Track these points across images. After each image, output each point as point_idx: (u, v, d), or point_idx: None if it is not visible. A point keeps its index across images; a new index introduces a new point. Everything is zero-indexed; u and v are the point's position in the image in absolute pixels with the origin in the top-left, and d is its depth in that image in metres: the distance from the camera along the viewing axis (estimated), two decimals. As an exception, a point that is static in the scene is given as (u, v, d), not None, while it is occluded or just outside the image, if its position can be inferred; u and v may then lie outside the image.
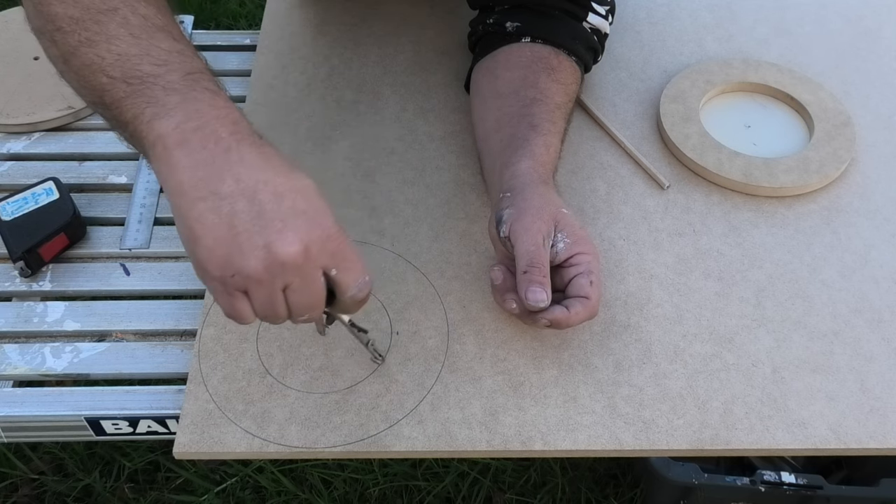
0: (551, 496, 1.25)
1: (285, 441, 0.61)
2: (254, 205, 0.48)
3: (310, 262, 0.50)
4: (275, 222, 0.48)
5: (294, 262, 0.49)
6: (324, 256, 0.50)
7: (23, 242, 0.71)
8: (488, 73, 0.80)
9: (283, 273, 0.49)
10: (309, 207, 0.50)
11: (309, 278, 0.50)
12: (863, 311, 0.71)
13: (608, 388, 0.65)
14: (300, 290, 0.51)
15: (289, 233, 0.48)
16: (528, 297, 0.62)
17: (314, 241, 0.49)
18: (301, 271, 0.50)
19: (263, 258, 0.48)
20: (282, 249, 0.48)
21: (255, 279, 0.49)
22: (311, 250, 0.49)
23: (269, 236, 0.48)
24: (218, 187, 0.48)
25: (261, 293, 0.50)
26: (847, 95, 0.88)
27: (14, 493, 1.24)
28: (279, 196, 0.49)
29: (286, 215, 0.49)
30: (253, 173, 0.49)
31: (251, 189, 0.48)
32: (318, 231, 0.50)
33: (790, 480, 1.06)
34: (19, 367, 0.66)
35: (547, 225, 0.64)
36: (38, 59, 0.88)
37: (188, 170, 0.49)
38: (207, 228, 0.48)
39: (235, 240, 0.48)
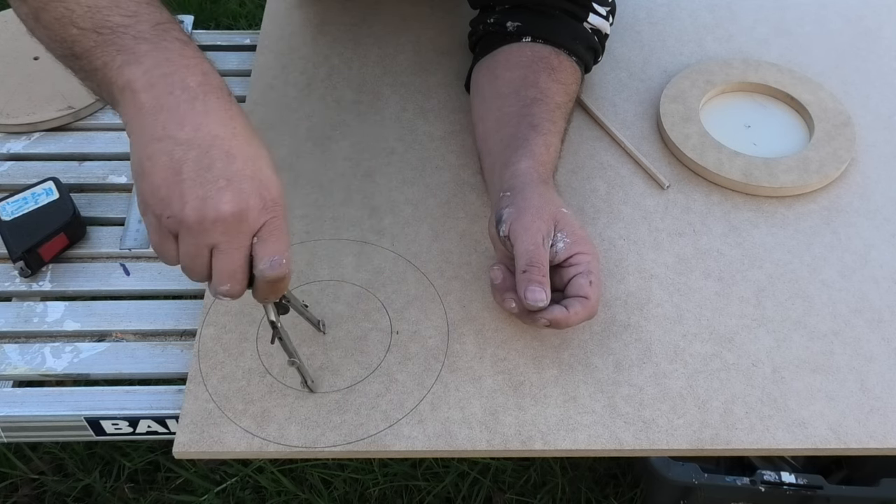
0: (551, 496, 1.25)
1: (285, 441, 0.61)
2: (205, 157, 0.50)
3: (241, 227, 0.51)
4: (219, 179, 0.49)
5: (225, 222, 0.50)
6: (255, 225, 0.51)
7: (23, 242, 0.71)
8: (489, 72, 0.80)
9: (212, 229, 0.50)
10: (256, 175, 0.51)
11: (235, 243, 0.51)
12: (863, 311, 0.71)
13: (608, 387, 0.65)
14: (225, 252, 0.51)
15: (229, 192, 0.49)
16: (527, 297, 0.62)
17: (251, 208, 0.50)
18: (229, 233, 0.50)
19: (198, 209, 0.49)
20: (218, 206, 0.49)
21: (186, 226, 0.50)
22: (245, 215, 0.50)
23: (210, 191, 0.49)
24: (176, 132, 0.50)
25: (188, 242, 0.51)
26: (847, 95, 0.88)
27: (14, 493, 1.24)
28: (231, 156, 0.50)
29: (232, 175, 0.50)
30: (213, 127, 0.50)
31: (207, 142, 0.50)
32: (257, 199, 0.51)
33: (790, 480, 1.06)
34: (19, 367, 0.66)
35: (547, 224, 0.64)
36: (37, 58, 0.89)
37: (151, 112, 0.50)
38: (157, 167, 0.50)
39: (178, 185, 0.49)
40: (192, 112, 0.50)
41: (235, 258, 0.52)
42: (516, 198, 0.66)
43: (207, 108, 0.51)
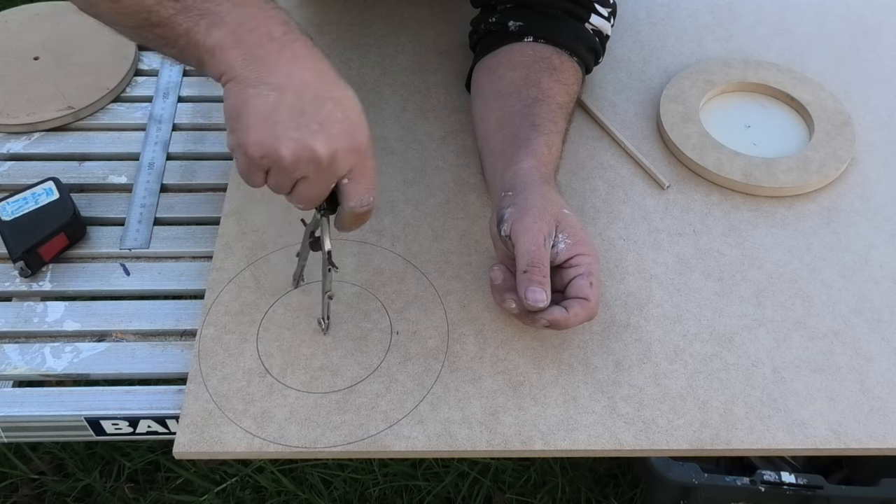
0: (551, 496, 1.25)
1: (285, 441, 0.61)
2: (298, 101, 0.53)
3: (331, 168, 0.54)
4: (312, 123, 0.53)
5: (318, 163, 0.54)
6: (345, 165, 0.55)
7: (23, 242, 0.71)
8: (490, 72, 0.80)
9: (305, 168, 0.54)
10: (345, 118, 0.55)
11: (323, 180, 0.55)
12: (863, 311, 0.71)
13: (608, 387, 0.65)
14: (311, 184, 0.55)
15: (322, 136, 0.53)
16: (527, 297, 0.62)
17: (341, 150, 0.54)
18: (320, 172, 0.54)
19: (294, 151, 0.53)
20: (311, 147, 0.53)
21: (280, 166, 0.54)
22: (336, 157, 0.54)
23: (304, 133, 0.53)
24: (269, 77, 0.53)
25: (279, 176, 0.55)
26: (847, 95, 0.88)
27: (14, 493, 1.24)
28: (322, 99, 0.54)
29: (324, 119, 0.53)
30: (303, 72, 0.54)
31: (299, 86, 0.53)
32: (348, 142, 0.54)
33: (790, 480, 1.06)
34: (19, 367, 0.66)
35: (548, 225, 0.64)
36: (37, 59, 0.89)
37: (244, 64, 0.53)
38: (252, 110, 0.53)
39: (273, 128, 0.53)
40: (282, 59, 0.54)
41: (319, 190, 0.56)
42: (518, 198, 0.66)
43: (296, 55, 0.54)
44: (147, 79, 0.89)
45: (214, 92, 0.89)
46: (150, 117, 0.85)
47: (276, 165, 0.54)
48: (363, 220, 0.60)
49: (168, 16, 0.55)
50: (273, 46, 0.54)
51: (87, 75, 0.87)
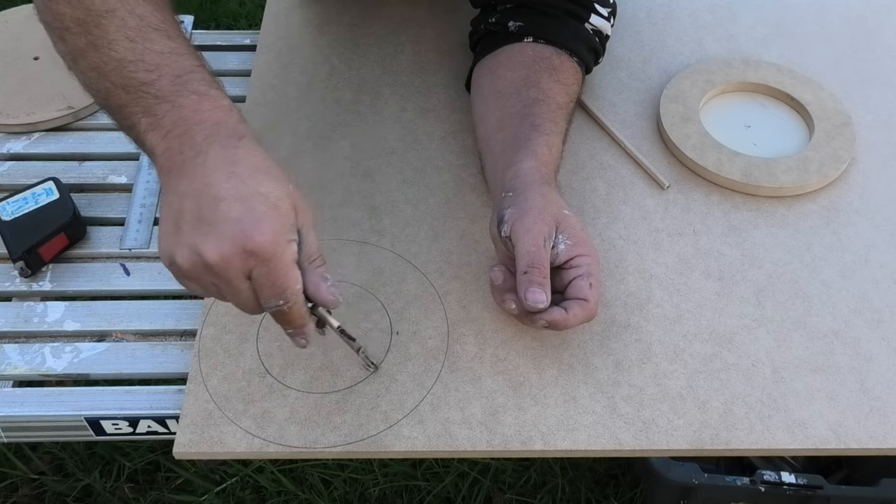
0: (551, 496, 1.25)
1: (285, 441, 0.61)
2: (196, 205, 0.51)
3: (228, 272, 0.51)
4: (204, 226, 0.51)
5: (211, 268, 0.51)
6: (246, 267, 0.52)
7: (23, 242, 0.71)
8: (490, 72, 0.80)
9: (205, 274, 0.52)
10: (244, 216, 0.51)
11: (230, 284, 0.52)
12: (863, 311, 0.71)
13: (608, 388, 0.65)
14: (227, 292, 0.53)
15: (212, 238, 0.51)
16: (527, 298, 0.62)
17: (235, 253, 0.51)
18: (220, 277, 0.52)
19: (187, 257, 0.52)
20: (201, 252, 0.51)
21: (184, 274, 0.53)
22: (229, 261, 0.51)
23: (196, 238, 0.51)
24: (178, 186, 0.52)
25: (195, 284, 0.54)
26: (847, 95, 0.88)
27: (14, 493, 1.24)
28: (218, 200, 0.51)
29: (217, 220, 0.51)
30: (206, 175, 0.52)
31: (198, 190, 0.51)
32: (241, 243, 0.50)
33: (790, 480, 1.06)
34: (19, 367, 0.66)
35: (548, 226, 0.64)
36: (37, 59, 0.88)
37: (167, 173, 0.53)
38: (162, 221, 0.53)
39: (175, 235, 0.52)
40: (193, 166, 0.52)
41: (240, 294, 0.53)
42: (518, 198, 0.66)
43: (206, 159, 0.52)
44: (147, 79, 0.89)
45: (214, 92, 0.89)
46: (150, 117, 0.85)
47: (179, 274, 0.53)
48: (286, 320, 0.55)
49: (120, 105, 0.55)
50: (190, 154, 0.52)
51: (87, 75, 0.87)
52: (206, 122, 0.53)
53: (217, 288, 0.53)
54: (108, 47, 0.54)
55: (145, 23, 0.55)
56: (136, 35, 0.55)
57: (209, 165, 0.52)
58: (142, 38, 0.55)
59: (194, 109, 0.54)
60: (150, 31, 0.55)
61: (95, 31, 0.55)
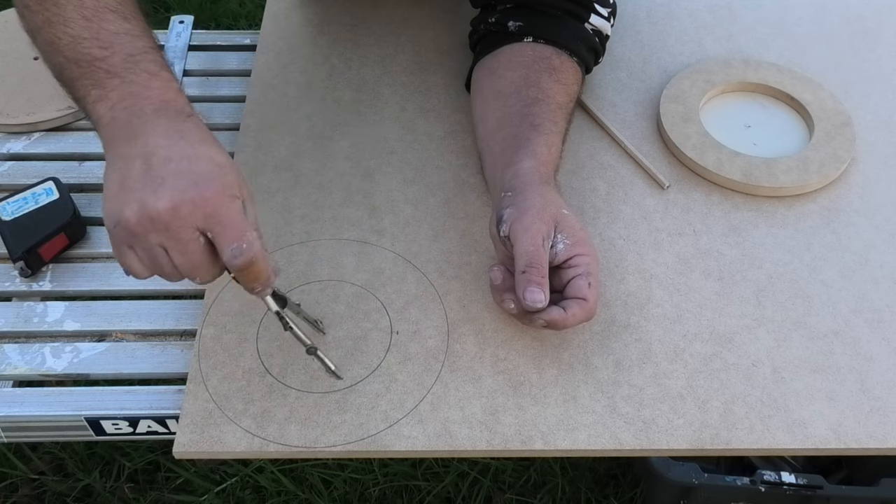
0: (551, 496, 1.25)
1: (285, 441, 0.61)
2: (145, 165, 0.52)
3: (179, 222, 0.52)
4: (155, 180, 0.52)
5: (161, 219, 0.51)
6: (196, 218, 0.52)
7: (23, 242, 0.71)
8: (490, 72, 0.80)
9: (153, 228, 0.52)
10: (194, 172, 0.52)
11: (180, 238, 0.53)
12: (863, 311, 0.71)
13: (608, 387, 0.65)
14: (174, 249, 0.53)
15: (163, 191, 0.51)
16: (525, 298, 0.62)
17: (185, 202, 0.51)
18: (170, 229, 0.52)
19: (136, 211, 0.52)
20: (151, 205, 0.51)
21: (130, 231, 0.52)
22: (180, 210, 0.51)
23: (145, 192, 0.52)
24: (125, 150, 0.54)
25: (140, 247, 0.53)
26: (847, 95, 0.88)
27: (14, 493, 1.24)
28: (168, 159, 0.53)
29: (167, 175, 0.52)
30: (155, 139, 0.53)
31: (148, 152, 0.53)
32: (193, 192, 0.52)
33: (790, 480, 1.06)
34: (19, 367, 0.66)
35: (547, 225, 0.64)
36: (38, 59, 0.88)
37: (112, 141, 0.55)
38: (108, 184, 0.54)
39: (121, 193, 0.52)
40: (141, 132, 0.54)
41: (187, 252, 0.53)
42: (517, 198, 0.66)
43: (155, 126, 0.54)
44: (147, 79, 0.89)
45: (214, 92, 0.89)
46: (150, 117, 0.85)
47: (126, 234, 0.53)
48: (255, 272, 0.55)
49: (72, 78, 0.57)
50: (138, 122, 0.54)
51: (87, 75, 0.87)
52: (156, 99, 0.55)
53: (162, 248, 0.53)
54: (64, 24, 0.56)
55: (102, 4, 0.57)
56: (92, 14, 0.57)
57: (158, 132, 0.54)
58: (98, 17, 0.57)
59: (144, 86, 0.55)
60: (106, 12, 0.57)
61: (53, 9, 0.57)
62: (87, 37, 0.56)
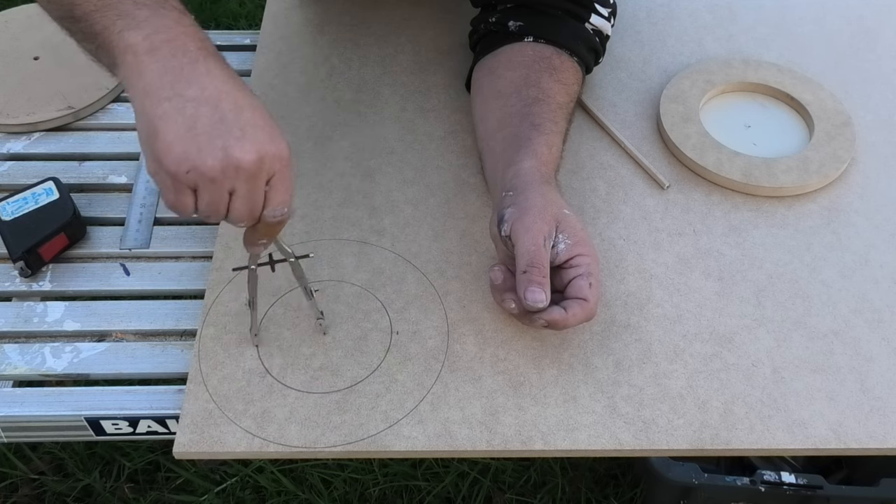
0: (551, 496, 1.25)
1: (285, 441, 0.61)
2: (216, 111, 0.52)
3: (260, 172, 0.53)
4: (234, 130, 0.51)
5: (248, 169, 0.52)
6: (272, 171, 0.54)
7: (23, 242, 0.71)
8: (490, 72, 0.80)
9: (235, 177, 0.52)
10: (266, 124, 0.53)
11: (255, 187, 0.53)
12: (863, 311, 0.71)
13: (608, 387, 0.65)
14: (245, 196, 0.53)
15: (247, 141, 0.52)
16: (526, 297, 0.62)
17: (268, 155, 0.52)
18: (251, 179, 0.53)
19: (221, 159, 0.51)
20: (239, 154, 0.51)
21: (209, 178, 0.51)
22: (264, 161, 0.52)
23: (228, 141, 0.51)
24: (184, 90, 0.52)
25: (210, 191, 0.53)
26: (847, 95, 0.88)
27: (14, 493, 1.24)
28: (240, 107, 0.52)
29: (245, 125, 0.52)
30: (217, 83, 0.53)
31: (215, 97, 0.52)
32: (273, 147, 0.53)
33: (790, 480, 1.06)
34: (19, 367, 0.66)
35: (548, 225, 0.64)
36: (37, 59, 0.89)
37: (157, 74, 0.52)
38: (169, 125, 0.51)
39: (195, 139, 0.51)
40: (196, 73, 0.52)
41: (254, 200, 0.54)
42: (518, 198, 0.66)
43: (209, 69, 0.53)
44: (147, 79, 0.89)
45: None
46: (150, 117, 0.85)
47: (202, 179, 0.51)
48: (274, 231, 0.58)
49: (88, 11, 0.54)
50: (186, 60, 0.52)
51: (87, 75, 0.87)
52: (193, 36, 0.54)
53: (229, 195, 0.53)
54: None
55: None
56: None
57: (216, 76, 0.53)
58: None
59: (177, 21, 0.54)
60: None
61: None
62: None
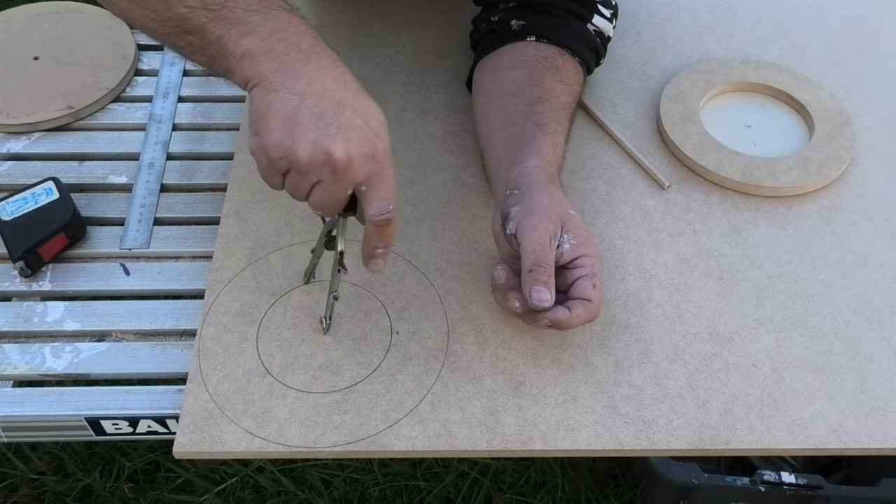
0: (551, 496, 1.25)
1: (285, 441, 0.61)
2: (317, 106, 0.55)
3: (348, 172, 0.55)
4: (330, 126, 0.54)
5: (334, 166, 0.55)
6: (362, 171, 0.56)
7: (23, 242, 0.70)
8: (492, 71, 0.80)
9: (320, 170, 0.55)
10: (364, 125, 0.55)
11: (339, 184, 0.56)
12: (863, 311, 0.71)
13: (608, 387, 0.65)
14: (327, 189, 0.56)
15: (339, 139, 0.54)
16: (532, 297, 0.62)
17: (357, 155, 0.55)
18: (336, 176, 0.55)
19: (310, 153, 0.54)
20: (328, 151, 0.54)
21: (297, 167, 0.55)
22: (352, 162, 0.55)
23: (321, 136, 0.54)
24: (292, 84, 0.55)
25: (296, 178, 0.56)
26: (847, 95, 0.88)
27: (14, 493, 1.24)
28: (341, 106, 0.55)
29: (342, 123, 0.55)
30: (325, 81, 0.56)
31: (319, 92, 0.55)
32: (365, 147, 0.55)
33: (790, 480, 1.06)
34: (19, 367, 0.66)
35: (554, 225, 0.64)
36: (37, 59, 0.88)
37: (270, 70, 0.56)
38: (273, 113, 0.55)
39: (293, 129, 0.54)
40: (307, 69, 0.56)
41: (334, 196, 0.56)
42: (524, 196, 0.66)
43: (320, 65, 0.56)
44: (147, 79, 0.89)
45: (214, 92, 0.89)
46: (150, 117, 0.85)
47: (293, 167, 0.55)
48: (385, 233, 0.59)
49: (200, 24, 0.57)
50: (299, 57, 0.56)
51: (87, 75, 0.87)
52: (305, 34, 0.57)
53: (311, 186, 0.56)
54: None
55: None
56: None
57: (324, 72, 0.56)
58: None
59: (288, 21, 0.57)
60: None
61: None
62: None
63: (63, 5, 0.94)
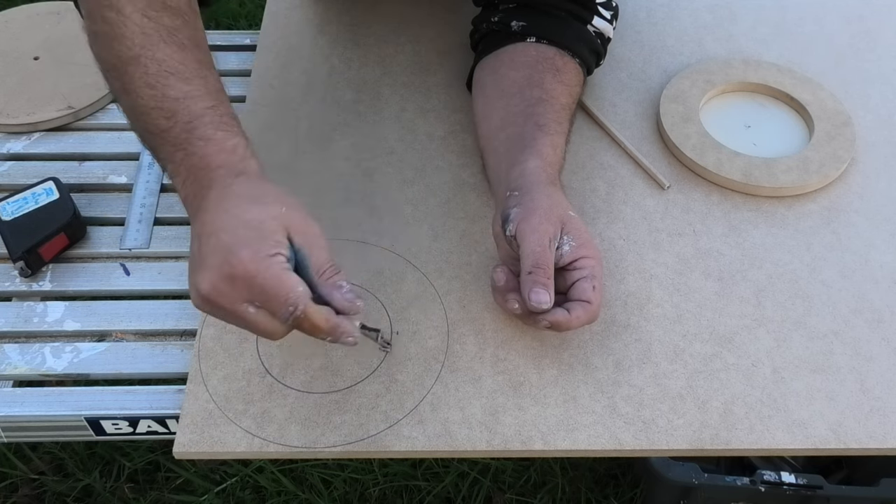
0: (551, 496, 1.25)
1: (285, 441, 0.61)
2: (197, 246, 0.55)
3: (223, 300, 0.53)
4: (199, 263, 0.54)
5: (209, 301, 0.53)
6: (238, 292, 0.53)
7: (23, 242, 0.71)
8: (492, 71, 0.80)
9: (209, 309, 0.55)
10: (225, 244, 0.53)
11: (229, 312, 0.54)
12: (863, 311, 0.71)
13: (608, 388, 0.65)
14: (234, 323, 0.55)
15: (203, 272, 0.53)
16: (531, 298, 0.62)
17: (222, 279, 0.52)
18: (217, 307, 0.54)
19: (194, 295, 0.54)
20: (197, 288, 0.53)
21: (201, 309, 0.55)
22: (219, 288, 0.53)
23: (194, 275, 0.54)
24: (197, 228, 0.55)
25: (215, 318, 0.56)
26: (847, 95, 0.88)
27: (14, 493, 1.24)
28: (209, 235, 0.54)
29: (206, 254, 0.53)
30: (204, 216, 0.55)
31: (198, 232, 0.55)
32: (226, 268, 0.52)
33: (790, 480, 1.06)
34: (19, 367, 0.66)
35: (554, 227, 0.64)
36: (37, 59, 0.89)
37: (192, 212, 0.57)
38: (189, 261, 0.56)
39: (189, 274, 0.55)
40: (200, 211, 0.55)
41: (247, 323, 0.54)
42: (524, 198, 0.65)
43: (207, 200, 0.55)
44: (147, 79, 0.89)
45: (214, 92, 0.89)
46: (150, 117, 0.85)
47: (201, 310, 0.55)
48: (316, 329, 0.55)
49: (151, 147, 0.60)
50: (197, 200, 0.56)
51: (87, 75, 0.87)
52: (210, 167, 0.56)
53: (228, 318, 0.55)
54: (136, 93, 0.57)
55: (164, 67, 0.57)
56: (155, 81, 0.57)
57: (209, 208, 0.55)
58: (160, 84, 0.57)
59: (201, 156, 0.56)
60: (167, 77, 0.57)
61: (124, 78, 0.58)
62: (153, 106, 0.57)
63: (63, 5, 0.94)
